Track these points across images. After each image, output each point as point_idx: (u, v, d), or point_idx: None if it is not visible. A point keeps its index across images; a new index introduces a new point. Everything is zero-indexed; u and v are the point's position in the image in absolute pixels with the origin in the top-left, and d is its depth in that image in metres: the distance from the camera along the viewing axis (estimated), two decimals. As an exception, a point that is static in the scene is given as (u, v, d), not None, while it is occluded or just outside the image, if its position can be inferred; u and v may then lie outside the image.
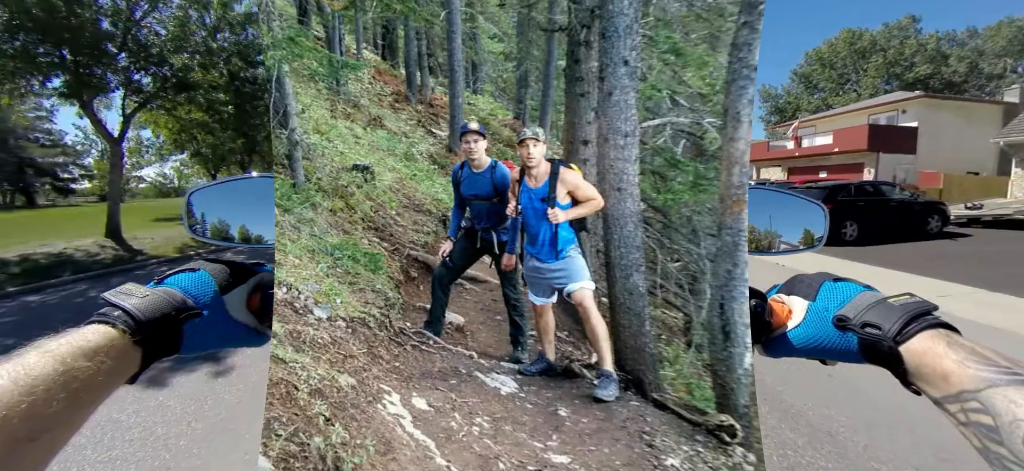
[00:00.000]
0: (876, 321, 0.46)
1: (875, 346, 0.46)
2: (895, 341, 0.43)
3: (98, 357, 0.40)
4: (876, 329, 0.45)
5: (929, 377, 0.40)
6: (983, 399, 0.35)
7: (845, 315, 0.50)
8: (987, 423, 0.34)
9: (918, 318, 0.43)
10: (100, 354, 0.40)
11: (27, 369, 0.35)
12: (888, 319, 0.45)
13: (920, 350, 0.42)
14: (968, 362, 0.38)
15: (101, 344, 0.41)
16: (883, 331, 0.45)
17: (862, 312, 0.48)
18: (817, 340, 0.53)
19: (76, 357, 0.38)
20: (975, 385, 0.36)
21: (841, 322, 0.50)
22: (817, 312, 0.54)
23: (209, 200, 0.85)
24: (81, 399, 0.37)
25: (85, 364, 0.38)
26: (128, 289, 0.48)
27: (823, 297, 0.54)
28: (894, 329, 0.44)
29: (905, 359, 0.43)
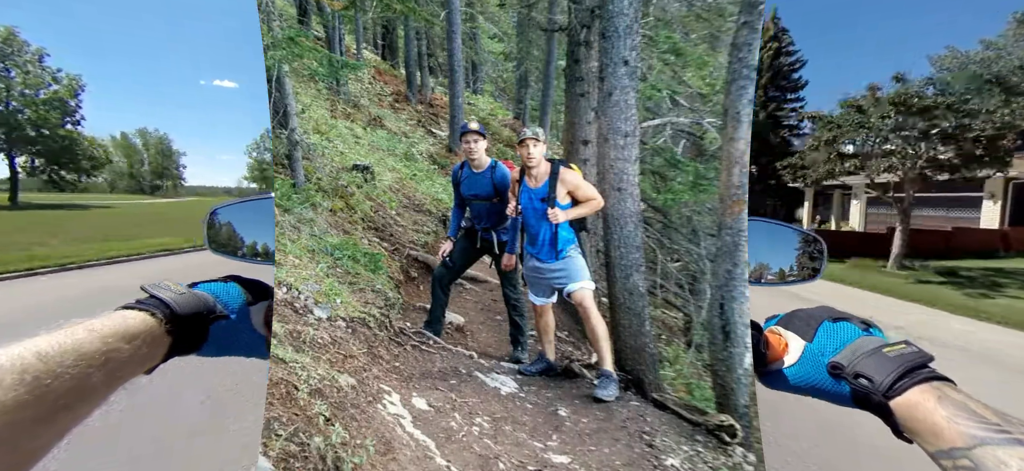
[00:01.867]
0: (869, 373, 0.45)
1: (867, 398, 0.45)
2: (885, 396, 0.43)
3: (136, 341, 0.43)
4: (868, 381, 0.45)
5: (920, 432, 0.40)
6: (973, 457, 0.35)
7: (839, 362, 0.49)
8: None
9: (911, 372, 0.43)
10: (138, 339, 0.43)
11: (75, 343, 0.37)
12: (881, 372, 0.44)
13: (911, 404, 0.41)
14: (958, 418, 0.37)
15: (140, 330, 0.44)
16: (875, 384, 0.44)
17: (856, 361, 0.47)
18: (811, 382, 0.53)
19: (118, 339, 0.41)
20: (965, 443, 0.36)
21: (835, 370, 0.49)
22: (813, 354, 0.53)
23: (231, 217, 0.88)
24: (113, 378, 0.40)
25: (124, 346, 0.41)
26: (165, 284, 0.52)
27: (820, 339, 0.53)
28: (886, 383, 0.43)
29: (896, 413, 0.43)
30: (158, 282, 0.52)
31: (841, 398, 0.50)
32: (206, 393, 3.68)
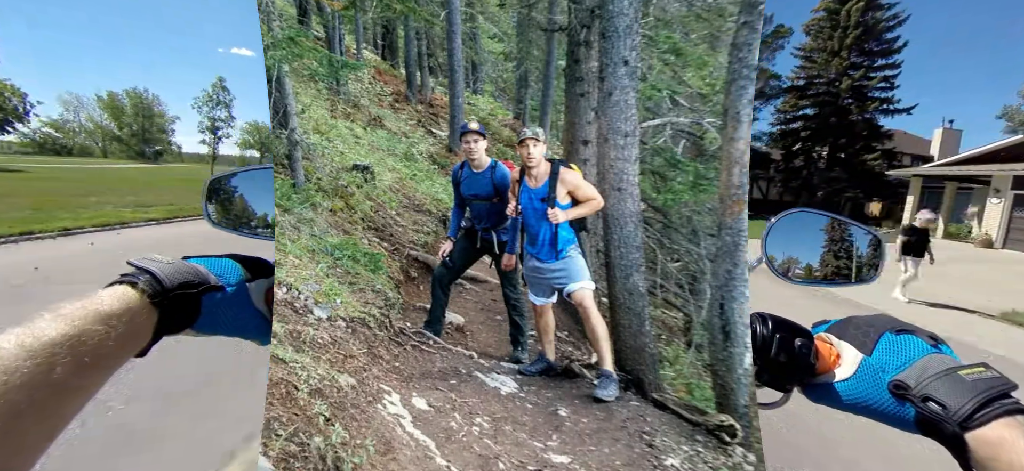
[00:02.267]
0: (942, 398, 0.40)
1: (937, 426, 0.40)
2: (962, 426, 0.38)
3: (112, 321, 0.39)
4: (941, 407, 0.39)
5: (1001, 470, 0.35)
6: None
7: (904, 381, 0.43)
8: None
9: (993, 402, 0.37)
10: (114, 318, 0.39)
11: (36, 333, 0.34)
12: (957, 398, 0.39)
13: (993, 441, 0.36)
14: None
15: (116, 308, 0.40)
16: (949, 412, 0.39)
17: (926, 382, 0.41)
18: (867, 401, 0.47)
19: (88, 320, 0.37)
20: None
21: (899, 389, 0.43)
22: (871, 369, 0.47)
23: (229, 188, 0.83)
24: (90, 365, 0.36)
25: (97, 328, 0.38)
26: (152, 256, 0.48)
27: (881, 352, 0.47)
28: (963, 412, 0.38)
29: (972, 448, 0.37)
30: (145, 255, 0.48)
31: (903, 422, 0.44)
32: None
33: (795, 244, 0.82)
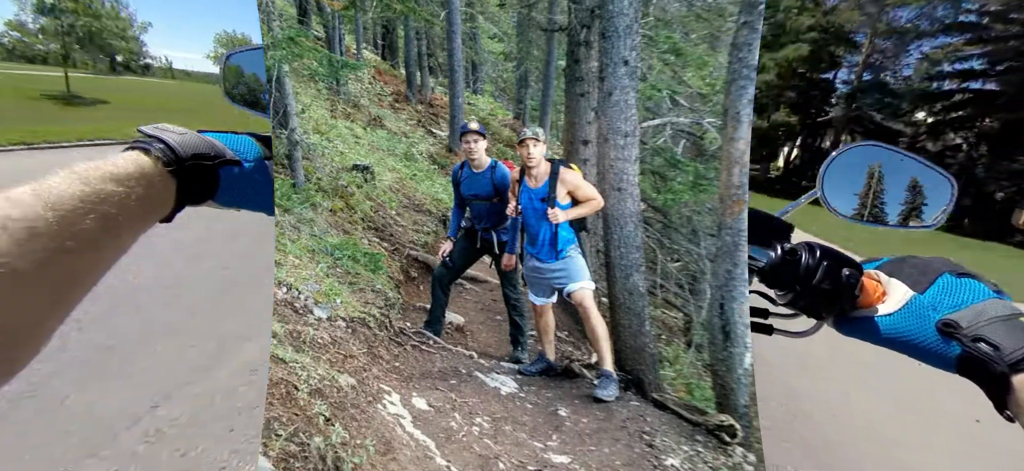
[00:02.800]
0: (997, 340, 0.40)
1: (982, 365, 0.40)
2: (1012, 367, 0.38)
3: (129, 182, 0.38)
4: (993, 348, 0.40)
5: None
6: None
7: (956, 321, 0.43)
8: None
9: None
10: (132, 180, 0.39)
11: (54, 188, 0.33)
12: (1014, 341, 0.39)
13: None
14: None
15: (132, 171, 0.39)
16: (1001, 352, 0.39)
17: (981, 324, 0.42)
18: (909, 336, 0.47)
19: (104, 180, 0.37)
20: None
21: (948, 327, 0.43)
22: (921, 307, 0.47)
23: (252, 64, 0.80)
24: (112, 224, 0.36)
25: (115, 188, 0.37)
26: (164, 126, 0.47)
27: (936, 292, 0.47)
28: (1016, 355, 0.38)
29: (1017, 389, 0.38)
30: (157, 124, 0.47)
31: (940, 359, 0.44)
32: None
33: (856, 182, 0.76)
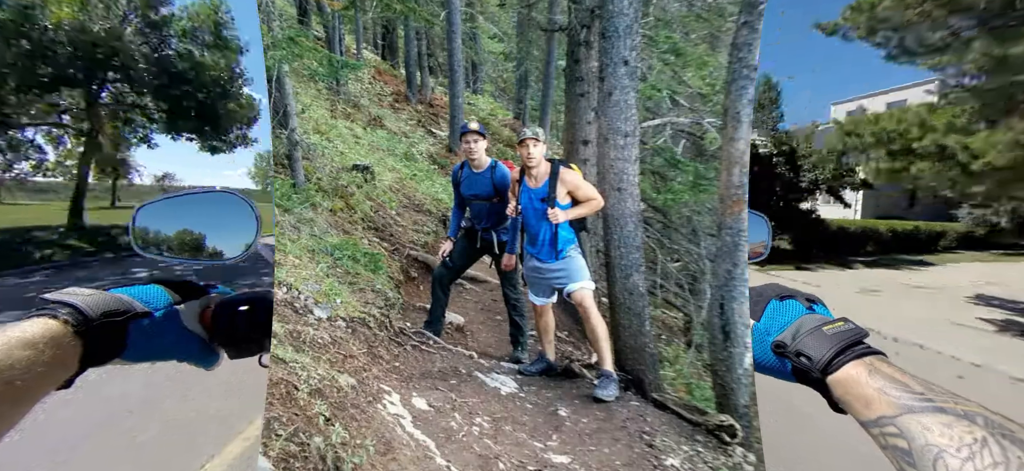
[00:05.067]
0: (808, 351, 0.47)
1: (805, 374, 0.47)
2: (823, 372, 0.45)
3: (37, 346, 0.38)
4: (808, 359, 0.47)
5: (853, 403, 0.42)
6: (899, 424, 0.37)
7: (782, 341, 0.51)
8: (903, 447, 0.36)
9: (847, 349, 0.45)
10: (40, 344, 0.39)
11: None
12: (819, 349, 0.46)
13: (845, 380, 0.43)
14: (887, 389, 0.40)
15: (40, 335, 0.39)
16: (813, 362, 0.46)
17: (798, 339, 0.49)
18: (759, 360, 0.54)
19: (13, 346, 0.37)
20: (892, 411, 0.38)
21: (778, 348, 0.51)
22: (760, 334, 0.54)
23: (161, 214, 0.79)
24: (18, 391, 0.36)
25: (24, 353, 0.37)
26: (70, 290, 0.47)
27: (767, 317, 0.55)
28: (823, 361, 0.45)
29: (832, 388, 0.45)
30: (63, 290, 0.47)
31: (785, 375, 0.52)
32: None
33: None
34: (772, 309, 0.55)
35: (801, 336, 0.49)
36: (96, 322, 0.44)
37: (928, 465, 0.34)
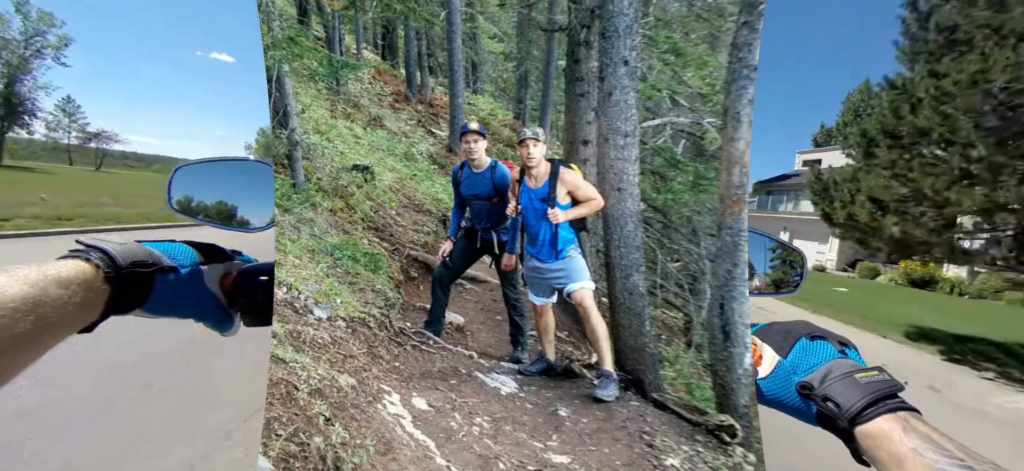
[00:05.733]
0: (837, 398, 0.45)
1: (832, 421, 0.46)
2: (851, 422, 0.43)
3: (71, 287, 0.40)
4: (836, 406, 0.45)
5: (884, 461, 0.40)
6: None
7: (810, 383, 0.49)
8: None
9: (879, 402, 0.43)
10: (73, 285, 0.40)
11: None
12: (850, 398, 0.44)
13: (876, 434, 0.42)
14: (922, 450, 0.38)
15: (74, 276, 0.41)
16: (842, 410, 0.44)
17: (826, 384, 0.47)
18: (780, 398, 0.53)
19: (49, 284, 0.38)
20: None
21: (804, 389, 0.49)
22: (785, 371, 0.53)
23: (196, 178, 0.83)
24: (47, 327, 0.37)
25: (57, 292, 0.38)
26: (103, 237, 0.49)
27: (795, 355, 0.53)
28: (853, 410, 0.43)
29: (859, 441, 0.43)
30: (95, 237, 0.49)
31: (808, 417, 0.50)
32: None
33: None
34: (801, 348, 0.53)
35: (830, 381, 0.47)
36: (125, 271, 0.46)
37: None
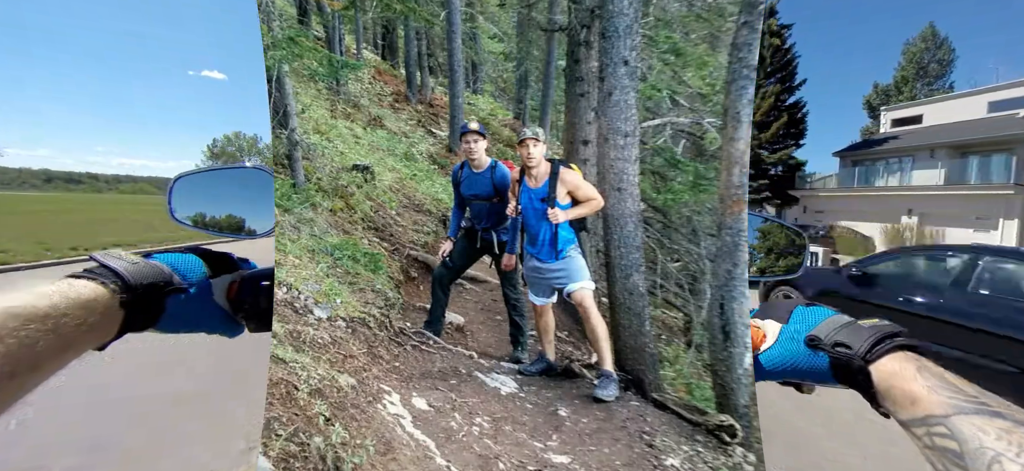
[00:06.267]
0: (847, 341, 0.47)
1: (846, 365, 0.46)
2: (865, 360, 0.44)
3: (90, 307, 0.41)
4: (847, 348, 0.46)
5: (898, 399, 0.41)
6: (950, 425, 0.36)
7: (817, 335, 0.51)
8: (953, 448, 0.35)
9: (888, 339, 0.44)
10: (90, 307, 0.41)
11: (22, 304, 0.35)
12: (858, 339, 0.46)
13: (889, 371, 0.42)
14: (937, 388, 0.38)
15: (90, 298, 0.41)
16: (853, 350, 0.45)
17: (833, 333, 0.49)
18: (789, 361, 0.54)
19: (69, 306, 0.39)
20: (943, 411, 0.37)
21: (813, 342, 0.51)
22: (789, 334, 0.55)
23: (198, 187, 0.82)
24: (64, 347, 0.38)
25: (77, 312, 0.39)
26: (117, 253, 0.49)
27: (795, 320, 0.55)
28: (864, 348, 0.44)
29: (875, 379, 0.43)
30: (109, 251, 0.49)
31: (819, 373, 0.51)
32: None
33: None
34: (800, 313, 0.56)
35: (837, 329, 0.49)
36: (139, 293, 0.46)
37: (982, 468, 0.33)
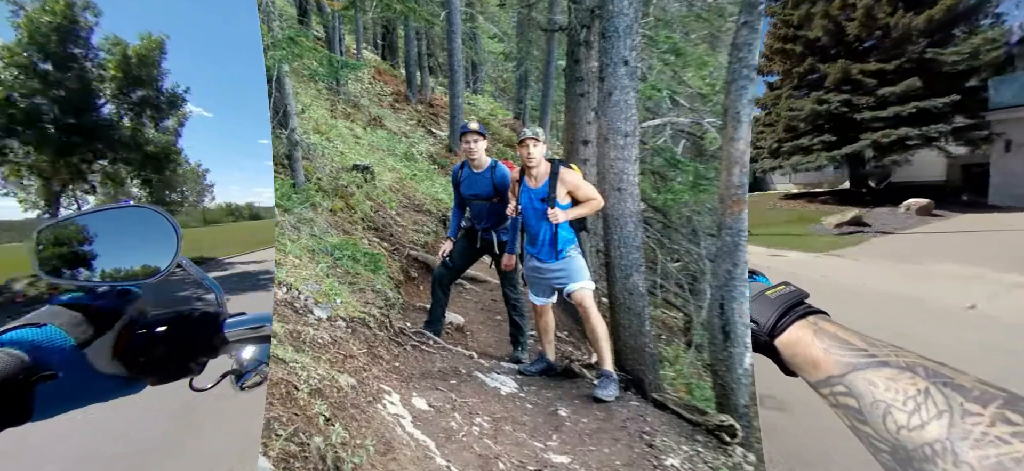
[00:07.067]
0: (756, 317, 0.48)
1: (756, 341, 0.48)
2: (770, 335, 0.46)
3: None
4: (756, 324, 0.48)
5: (802, 365, 0.43)
6: (847, 383, 0.38)
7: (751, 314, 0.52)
8: (853, 405, 0.37)
9: (789, 311, 0.46)
10: None
11: None
12: (764, 314, 0.47)
13: (792, 341, 0.45)
14: (832, 349, 0.40)
15: None
16: (761, 327, 0.47)
17: (752, 308, 0.50)
18: None
19: None
20: (840, 370, 0.39)
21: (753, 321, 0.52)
22: None
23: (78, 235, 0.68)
24: None
25: None
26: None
27: None
28: (769, 324, 0.46)
29: (780, 351, 0.46)
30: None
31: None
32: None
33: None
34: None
35: (752, 306, 0.50)
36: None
37: (878, 421, 0.34)
